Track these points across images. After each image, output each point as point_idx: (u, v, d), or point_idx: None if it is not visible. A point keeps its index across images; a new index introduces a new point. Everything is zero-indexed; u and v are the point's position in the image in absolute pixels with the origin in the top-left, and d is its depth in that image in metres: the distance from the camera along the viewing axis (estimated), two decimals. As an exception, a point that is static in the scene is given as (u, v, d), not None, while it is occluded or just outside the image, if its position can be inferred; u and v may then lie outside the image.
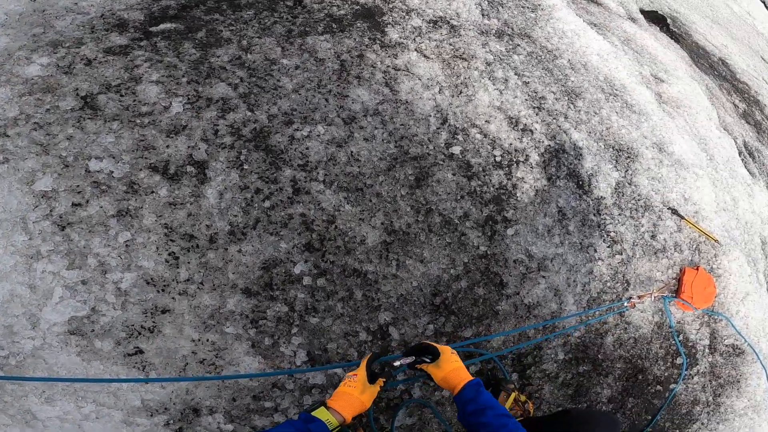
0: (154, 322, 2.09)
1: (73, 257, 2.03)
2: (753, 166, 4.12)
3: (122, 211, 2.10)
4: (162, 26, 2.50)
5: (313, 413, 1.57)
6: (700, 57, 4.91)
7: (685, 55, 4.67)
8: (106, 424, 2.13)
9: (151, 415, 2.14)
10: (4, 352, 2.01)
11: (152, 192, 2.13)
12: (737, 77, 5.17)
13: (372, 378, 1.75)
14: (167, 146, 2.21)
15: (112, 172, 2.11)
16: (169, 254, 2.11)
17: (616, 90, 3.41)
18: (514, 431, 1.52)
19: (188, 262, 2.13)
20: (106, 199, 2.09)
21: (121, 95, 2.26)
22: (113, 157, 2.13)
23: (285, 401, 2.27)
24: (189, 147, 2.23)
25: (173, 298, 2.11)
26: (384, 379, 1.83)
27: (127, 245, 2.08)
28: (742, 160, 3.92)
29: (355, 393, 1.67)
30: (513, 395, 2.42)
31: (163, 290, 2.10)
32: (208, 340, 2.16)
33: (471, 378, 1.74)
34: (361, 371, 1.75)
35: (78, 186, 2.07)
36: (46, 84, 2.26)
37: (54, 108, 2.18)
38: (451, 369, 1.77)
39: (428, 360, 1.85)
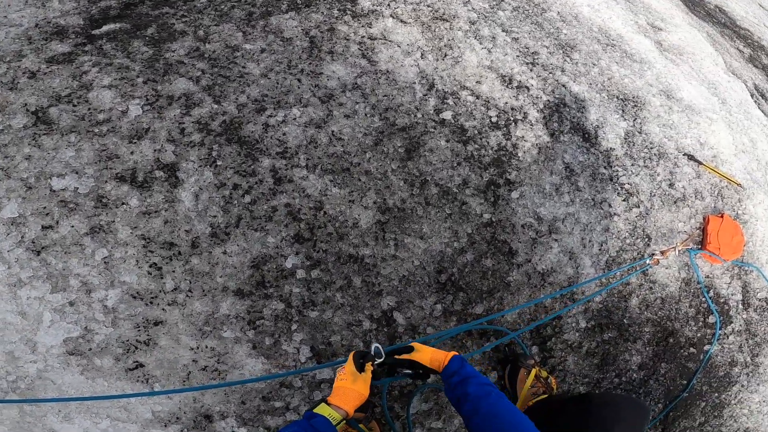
0: (148, 335, 2.00)
1: (55, 280, 1.95)
2: (767, 106, 3.77)
3: (95, 227, 1.99)
4: (105, 27, 2.34)
5: (314, 410, 1.53)
6: (696, 5, 4.61)
7: (680, 2, 4.33)
8: (124, 438, 2.08)
9: (165, 426, 2.07)
10: (12, 377, 1.96)
11: (123, 203, 2.01)
12: (737, 24, 4.86)
13: (360, 367, 1.69)
14: (131, 153, 2.08)
15: (77, 188, 2.00)
16: (151, 266, 2.00)
17: (612, 40, 3.12)
18: (496, 400, 1.50)
19: (172, 271, 2.02)
20: (75, 217, 1.98)
21: (74, 105, 2.13)
22: (76, 173, 2.01)
23: (295, 399, 2.16)
24: (155, 150, 2.09)
25: (163, 309, 2.01)
26: (371, 363, 1.72)
27: (105, 262, 1.97)
28: (755, 102, 3.59)
29: (347, 384, 1.64)
30: (534, 371, 2.25)
31: (151, 303, 2.00)
32: (207, 347, 2.06)
33: (455, 353, 1.70)
34: (348, 363, 1.70)
35: (45, 208, 1.97)
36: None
37: (6, 128, 2.07)
38: (432, 350, 1.72)
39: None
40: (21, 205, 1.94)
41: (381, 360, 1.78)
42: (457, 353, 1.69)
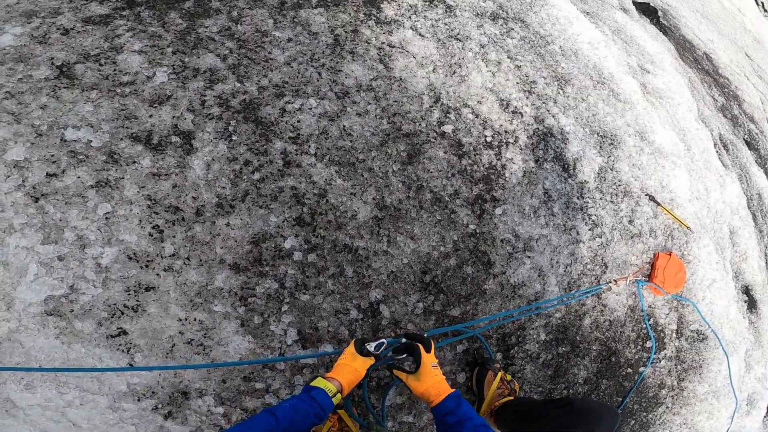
0: (137, 300, 1.82)
1: (49, 231, 1.74)
2: (726, 158, 4.04)
3: (101, 181, 1.80)
4: None
5: (312, 384, 1.51)
6: (686, 50, 4.73)
7: (672, 47, 4.50)
8: (91, 411, 1.85)
9: (138, 400, 1.88)
10: (-24, 335, 1.71)
11: (134, 162, 1.84)
12: (719, 72, 5.01)
13: (360, 350, 1.68)
14: (150, 116, 1.91)
15: (90, 141, 1.81)
16: (153, 227, 1.83)
17: (603, 78, 3.24)
18: None
19: (173, 236, 1.86)
20: (83, 169, 1.78)
21: (101, 64, 1.94)
22: (91, 126, 1.82)
23: (276, 382, 2.04)
24: (174, 117, 1.93)
25: (158, 274, 1.84)
26: (374, 359, 1.73)
27: (107, 218, 1.79)
28: (717, 151, 3.83)
29: (346, 361, 1.63)
30: (500, 375, 2.26)
31: (146, 266, 1.83)
32: (195, 319, 1.91)
33: (452, 390, 1.63)
34: (350, 346, 1.70)
35: (53, 155, 1.76)
36: (19, 54, 1.92)
37: (27, 77, 1.85)
38: (432, 384, 1.64)
39: (407, 369, 1.75)
40: (28, 150, 1.72)
41: (376, 353, 1.75)
42: (454, 390, 1.63)
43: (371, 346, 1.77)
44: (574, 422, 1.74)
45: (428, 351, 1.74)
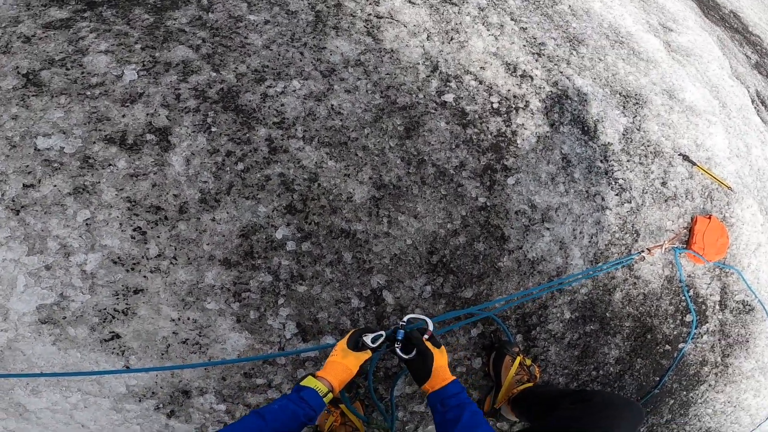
0: (127, 303, 1.74)
1: (32, 242, 1.67)
2: (766, 114, 3.55)
3: (78, 188, 1.71)
4: None
5: (301, 383, 1.42)
6: (711, 9, 4.27)
7: (695, 5, 4.03)
8: (96, 413, 1.82)
9: (140, 401, 1.82)
10: (-19, 345, 1.69)
11: (109, 165, 1.74)
12: (749, 30, 4.54)
13: (354, 346, 1.54)
14: (123, 116, 1.80)
15: (63, 147, 1.72)
16: (135, 230, 1.73)
17: (621, 37, 2.86)
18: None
19: (157, 236, 1.76)
20: (59, 177, 1.70)
21: (67, 69, 1.84)
22: (63, 133, 1.73)
23: (278, 377, 1.92)
24: (148, 114, 1.81)
25: (145, 276, 1.75)
26: (369, 353, 1.57)
27: (87, 224, 1.70)
28: (755, 108, 3.35)
29: (336, 359, 1.51)
30: (518, 359, 2.03)
31: (132, 269, 1.73)
32: (189, 319, 1.81)
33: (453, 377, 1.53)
34: (342, 340, 1.56)
35: (28, 166, 1.69)
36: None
37: None
38: (443, 364, 1.54)
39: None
40: (3, 163, 1.66)
41: (373, 346, 1.58)
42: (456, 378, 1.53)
43: (368, 339, 1.60)
44: (589, 420, 1.49)
45: (438, 347, 1.57)
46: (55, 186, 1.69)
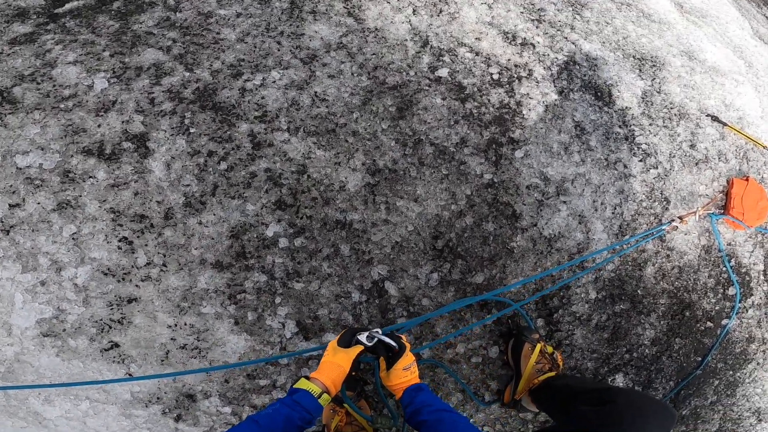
0: (122, 313, 1.65)
1: (25, 260, 1.62)
2: None
3: (62, 203, 1.64)
4: (69, 5, 1.94)
5: (295, 386, 1.34)
6: None
7: None
8: (107, 419, 1.77)
9: (146, 406, 1.75)
10: (-9, 360, 1.67)
11: (90, 177, 1.65)
12: None
13: (344, 343, 1.45)
14: (98, 126, 1.70)
15: (42, 164, 1.64)
16: (121, 240, 1.64)
17: (628, 0, 2.50)
18: (450, 423, 1.26)
19: (144, 245, 1.65)
20: (41, 194, 1.63)
21: (38, 83, 1.75)
22: (41, 149, 1.65)
23: (281, 377, 1.78)
24: (123, 122, 1.70)
25: (137, 285, 1.65)
26: (361, 347, 1.45)
27: (74, 238, 1.62)
28: None
29: (327, 358, 1.43)
30: (538, 347, 1.78)
31: (123, 279, 1.64)
32: (186, 324, 1.70)
33: (413, 383, 1.44)
34: (333, 340, 1.47)
35: (11, 186, 1.63)
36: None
37: None
38: (397, 383, 1.45)
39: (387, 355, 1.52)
40: (-12, 185, 1.60)
41: (370, 345, 1.47)
42: (415, 382, 1.45)
43: (363, 336, 1.47)
44: (606, 425, 1.23)
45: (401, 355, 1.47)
46: (38, 203, 1.62)
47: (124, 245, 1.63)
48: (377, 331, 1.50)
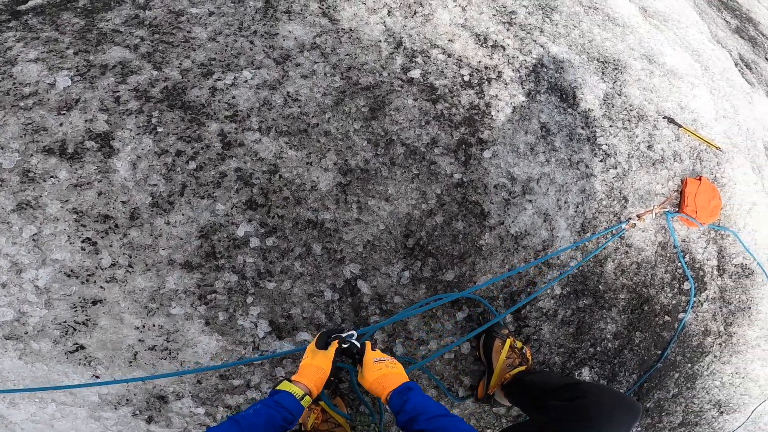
0: (87, 315, 1.56)
1: (-16, 261, 1.50)
2: (751, 76, 3.14)
3: (22, 203, 1.53)
4: (32, 2, 1.83)
5: (277, 388, 1.31)
6: None
7: None
8: (75, 421, 1.67)
9: (116, 408, 1.66)
10: (-45, 362, 1.55)
11: (51, 177, 1.55)
12: None
13: (323, 345, 1.43)
14: (60, 124, 1.60)
15: (1, 163, 1.53)
16: (84, 241, 1.55)
17: (595, 3, 2.53)
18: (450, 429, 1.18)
19: (109, 246, 1.56)
20: (1, 194, 1.52)
21: None
22: (1, 148, 1.53)
23: (255, 377, 1.73)
24: (86, 121, 1.61)
25: (101, 287, 1.56)
26: (336, 342, 1.44)
27: (34, 239, 1.53)
28: (739, 70, 2.97)
29: (307, 361, 1.41)
30: (508, 342, 1.77)
31: (87, 281, 1.55)
32: (154, 325, 1.62)
33: (397, 385, 1.32)
34: (311, 343, 1.46)
35: (-31, 186, 1.50)
36: None
37: None
38: (374, 379, 1.36)
39: (354, 359, 1.49)
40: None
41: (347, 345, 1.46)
42: (400, 384, 1.32)
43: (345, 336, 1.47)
44: (576, 420, 1.23)
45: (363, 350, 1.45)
46: (-2, 203, 1.50)
47: (88, 246, 1.54)
48: (352, 334, 1.48)
